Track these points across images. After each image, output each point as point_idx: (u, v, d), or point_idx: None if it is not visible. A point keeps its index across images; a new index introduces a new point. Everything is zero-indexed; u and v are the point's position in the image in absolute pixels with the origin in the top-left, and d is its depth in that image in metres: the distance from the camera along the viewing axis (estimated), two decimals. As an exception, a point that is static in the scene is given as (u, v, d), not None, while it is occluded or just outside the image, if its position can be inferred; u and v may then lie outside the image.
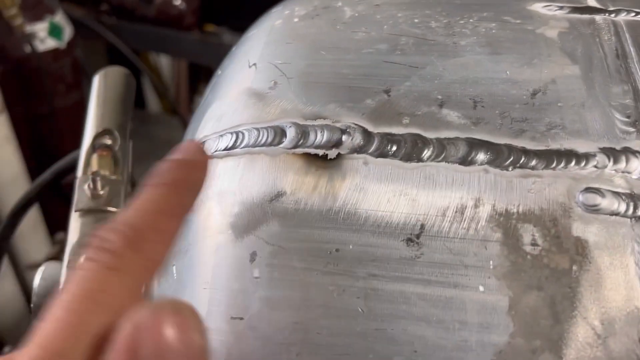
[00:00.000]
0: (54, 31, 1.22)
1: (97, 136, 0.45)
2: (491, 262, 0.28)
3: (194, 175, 0.25)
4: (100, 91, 0.50)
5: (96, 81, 0.51)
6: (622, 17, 0.37)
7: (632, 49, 0.35)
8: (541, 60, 0.34)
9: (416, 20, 0.38)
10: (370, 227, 0.29)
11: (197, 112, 0.41)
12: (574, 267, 0.28)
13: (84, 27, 1.45)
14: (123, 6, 1.60)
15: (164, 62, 1.90)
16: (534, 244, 0.28)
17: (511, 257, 0.28)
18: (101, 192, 0.41)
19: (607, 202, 0.29)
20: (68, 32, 1.28)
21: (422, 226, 0.29)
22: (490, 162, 0.30)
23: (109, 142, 0.45)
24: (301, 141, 0.32)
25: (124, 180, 0.44)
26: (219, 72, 0.42)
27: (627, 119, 0.31)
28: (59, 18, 1.26)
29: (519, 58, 0.34)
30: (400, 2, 0.40)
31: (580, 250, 0.28)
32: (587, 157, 0.30)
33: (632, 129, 0.30)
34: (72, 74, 1.29)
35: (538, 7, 0.39)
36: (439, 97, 0.33)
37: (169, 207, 0.23)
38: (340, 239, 0.29)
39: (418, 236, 0.29)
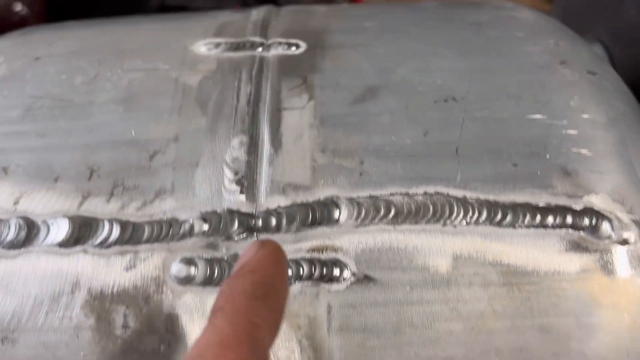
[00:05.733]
0: None
1: None
2: (82, 352, 0.27)
3: None
4: None
5: None
6: (274, 52, 0.37)
7: (268, 92, 0.34)
8: (171, 115, 0.33)
9: (63, 77, 0.36)
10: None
11: None
12: (162, 347, 0.27)
13: None
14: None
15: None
16: (125, 326, 0.28)
17: (102, 343, 0.27)
18: None
19: (200, 272, 0.28)
20: None
21: (19, 320, 0.28)
22: (84, 242, 0.29)
23: None
24: None
25: None
26: None
27: (234, 176, 0.30)
28: None
29: (149, 114, 0.33)
30: (62, 53, 0.38)
31: (169, 328, 0.27)
32: (185, 224, 0.29)
33: (236, 187, 0.30)
34: None
35: (200, 46, 0.38)
36: (57, 169, 0.31)
37: None
38: None
39: (14, 331, 0.28)
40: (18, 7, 1.54)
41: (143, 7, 1.42)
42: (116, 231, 0.29)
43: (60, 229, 0.29)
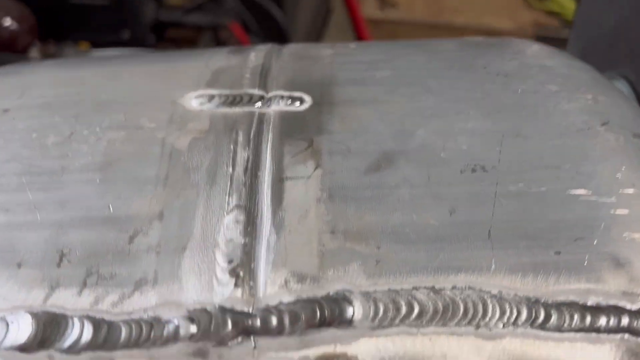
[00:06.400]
0: None
1: None
2: None
3: None
4: None
5: None
6: (275, 108, 0.32)
7: (268, 158, 0.29)
8: (155, 186, 0.28)
9: (34, 135, 0.31)
10: None
11: None
12: None
13: None
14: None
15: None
16: None
17: None
18: None
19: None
20: None
21: None
22: (49, 345, 0.24)
23: None
24: None
25: None
26: None
27: (228, 265, 0.26)
28: None
29: (130, 185, 0.29)
30: (34, 105, 0.34)
31: None
32: (169, 325, 0.25)
33: (230, 279, 0.25)
34: None
35: (190, 99, 0.33)
36: (22, 251, 0.27)
37: None
38: None
39: None
40: (7, 22, 1.49)
41: (137, 23, 1.38)
42: (88, 332, 0.24)
43: (22, 329, 0.25)
